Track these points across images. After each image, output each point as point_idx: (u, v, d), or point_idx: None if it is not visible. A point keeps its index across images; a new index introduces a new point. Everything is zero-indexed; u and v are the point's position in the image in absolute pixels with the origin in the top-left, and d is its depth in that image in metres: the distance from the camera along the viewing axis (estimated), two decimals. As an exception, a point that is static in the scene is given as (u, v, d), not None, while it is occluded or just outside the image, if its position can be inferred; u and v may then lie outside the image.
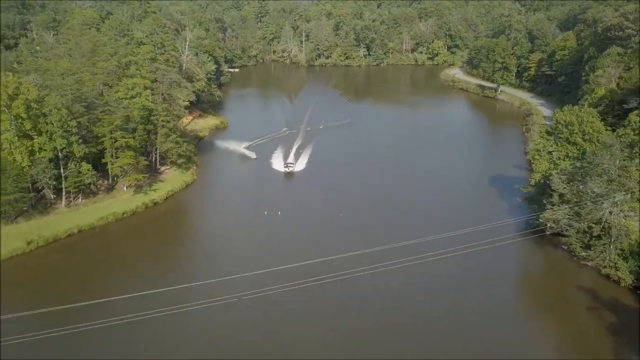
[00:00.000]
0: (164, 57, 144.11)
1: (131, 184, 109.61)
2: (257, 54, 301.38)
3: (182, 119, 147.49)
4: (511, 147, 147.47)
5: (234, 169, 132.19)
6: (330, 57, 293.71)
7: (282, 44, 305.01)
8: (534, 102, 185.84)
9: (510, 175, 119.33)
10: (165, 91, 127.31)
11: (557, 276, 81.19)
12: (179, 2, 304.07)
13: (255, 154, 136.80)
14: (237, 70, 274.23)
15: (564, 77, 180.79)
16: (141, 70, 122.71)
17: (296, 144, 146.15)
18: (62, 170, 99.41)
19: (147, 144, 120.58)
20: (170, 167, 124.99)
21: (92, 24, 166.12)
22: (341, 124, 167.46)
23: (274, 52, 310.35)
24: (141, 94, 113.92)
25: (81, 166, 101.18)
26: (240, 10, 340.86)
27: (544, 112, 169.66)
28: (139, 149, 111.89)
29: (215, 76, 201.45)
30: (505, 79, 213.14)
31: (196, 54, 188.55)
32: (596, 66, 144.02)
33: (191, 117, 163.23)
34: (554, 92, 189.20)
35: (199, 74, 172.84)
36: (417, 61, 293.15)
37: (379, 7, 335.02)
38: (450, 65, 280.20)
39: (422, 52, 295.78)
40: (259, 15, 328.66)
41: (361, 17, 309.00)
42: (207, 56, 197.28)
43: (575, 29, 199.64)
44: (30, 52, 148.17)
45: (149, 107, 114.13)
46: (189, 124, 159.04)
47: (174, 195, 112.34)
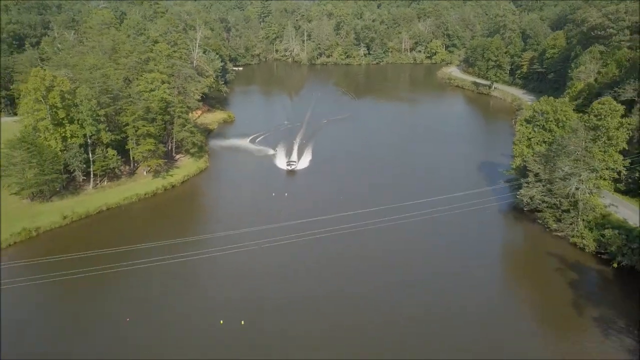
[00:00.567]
0: (178, 54, 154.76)
1: (151, 169, 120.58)
2: (260, 53, 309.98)
3: (193, 112, 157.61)
4: (501, 138, 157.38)
5: (239, 160, 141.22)
6: (331, 56, 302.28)
7: (284, 43, 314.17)
8: (525, 98, 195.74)
9: (497, 161, 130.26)
10: (180, 85, 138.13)
11: (533, 245, 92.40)
12: (184, 2, 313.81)
13: (272, 150, 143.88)
14: (241, 68, 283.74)
15: (553, 74, 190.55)
16: (158, 65, 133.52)
17: (298, 138, 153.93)
18: (91, 155, 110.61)
19: (164, 133, 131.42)
20: (184, 155, 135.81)
21: (110, 23, 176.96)
22: (342, 117, 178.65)
23: (277, 51, 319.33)
24: (159, 87, 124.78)
25: (107, 152, 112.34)
26: (243, 10, 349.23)
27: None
28: (158, 137, 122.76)
29: (221, 73, 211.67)
30: (499, 77, 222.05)
31: (204, 52, 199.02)
32: (579, 63, 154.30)
33: (200, 111, 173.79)
34: (544, 88, 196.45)
35: (208, 71, 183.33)
36: (415, 60, 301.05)
37: (378, 8, 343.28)
38: (447, 63, 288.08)
39: (420, 51, 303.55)
40: (262, 15, 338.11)
41: (361, 17, 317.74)
42: (214, 54, 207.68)
43: (565, 29, 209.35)
44: (53, 50, 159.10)
45: (166, 99, 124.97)
46: (198, 118, 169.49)
47: (189, 179, 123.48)
